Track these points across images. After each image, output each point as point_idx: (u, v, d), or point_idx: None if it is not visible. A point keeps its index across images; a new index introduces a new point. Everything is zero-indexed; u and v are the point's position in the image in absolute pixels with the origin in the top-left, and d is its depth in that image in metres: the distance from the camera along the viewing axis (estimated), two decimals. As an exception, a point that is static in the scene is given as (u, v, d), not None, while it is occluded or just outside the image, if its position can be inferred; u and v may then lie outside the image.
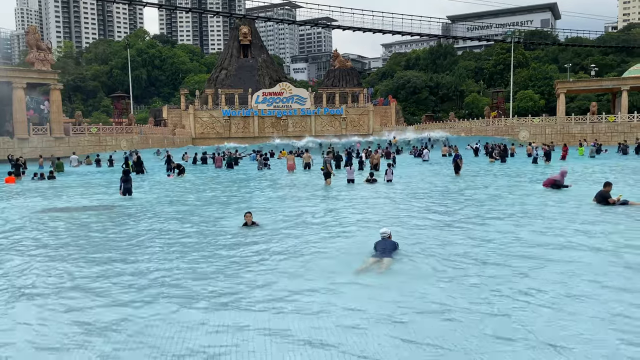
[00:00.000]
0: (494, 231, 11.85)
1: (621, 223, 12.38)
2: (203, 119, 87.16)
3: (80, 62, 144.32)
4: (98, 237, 12.26)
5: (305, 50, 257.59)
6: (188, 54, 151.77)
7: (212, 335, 5.99)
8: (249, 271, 8.84)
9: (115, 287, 8.03)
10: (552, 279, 7.91)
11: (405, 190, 20.99)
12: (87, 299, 7.46)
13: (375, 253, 9.42)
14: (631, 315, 6.28)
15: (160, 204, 18.64)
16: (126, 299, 7.45)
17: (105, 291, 7.80)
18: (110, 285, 8.10)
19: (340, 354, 5.37)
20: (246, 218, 12.89)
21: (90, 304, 7.21)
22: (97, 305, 7.18)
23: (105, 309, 7.00)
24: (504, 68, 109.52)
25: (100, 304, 7.23)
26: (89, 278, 8.57)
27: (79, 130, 57.12)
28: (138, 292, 7.74)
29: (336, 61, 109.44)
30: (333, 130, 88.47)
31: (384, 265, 8.80)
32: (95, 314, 6.79)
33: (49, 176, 31.38)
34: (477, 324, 6.16)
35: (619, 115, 59.47)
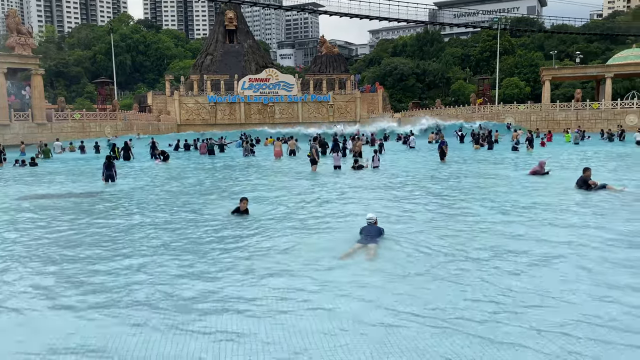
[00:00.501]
0: (479, 216, 11.93)
1: (600, 205, 12.56)
2: (188, 105, 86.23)
3: (62, 47, 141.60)
4: (77, 225, 12.09)
5: (292, 36, 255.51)
6: (173, 40, 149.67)
7: (197, 322, 5.95)
8: (233, 257, 8.79)
9: (92, 279, 7.92)
10: (535, 259, 7.99)
11: (391, 177, 21.02)
12: (62, 287, 7.35)
13: (361, 238, 9.42)
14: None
15: (144, 190, 18.46)
16: (102, 291, 7.37)
17: (81, 282, 7.69)
18: (87, 277, 8.00)
19: (323, 340, 5.37)
20: (241, 204, 12.55)
21: (64, 294, 7.11)
22: (73, 295, 7.09)
23: (82, 297, 6.92)
24: (490, 55, 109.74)
25: (75, 294, 7.14)
26: (65, 266, 8.45)
27: (61, 116, 56.16)
28: (118, 283, 7.66)
29: (323, 47, 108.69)
30: (320, 117, 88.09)
31: (372, 252, 8.80)
32: (69, 305, 6.70)
33: (31, 163, 30.89)
34: (464, 309, 6.19)
35: (602, 102, 60.00)
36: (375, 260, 8.43)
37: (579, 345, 5.09)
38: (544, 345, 5.11)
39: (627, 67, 62.35)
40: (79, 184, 21.05)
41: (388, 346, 5.14)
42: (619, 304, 6.17)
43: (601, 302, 6.26)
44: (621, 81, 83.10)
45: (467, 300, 6.41)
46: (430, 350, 5.05)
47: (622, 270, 7.48)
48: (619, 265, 7.77)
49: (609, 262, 7.93)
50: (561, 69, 71.20)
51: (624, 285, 6.83)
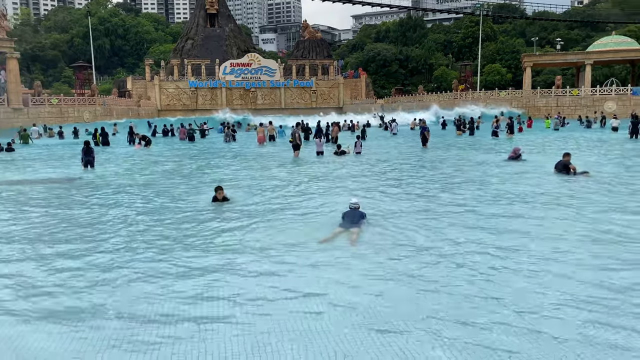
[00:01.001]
0: (461, 199, 11.98)
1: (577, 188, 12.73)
2: (169, 90, 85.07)
3: (38, 30, 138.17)
4: (52, 212, 11.85)
5: (274, 20, 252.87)
6: (153, 23, 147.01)
7: (176, 309, 5.87)
8: (212, 243, 8.70)
9: (66, 268, 7.77)
10: (515, 242, 8.05)
11: (373, 162, 21.01)
12: (35, 278, 7.19)
13: (343, 223, 9.39)
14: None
15: (123, 176, 18.17)
16: (77, 282, 7.23)
17: (55, 271, 7.54)
18: (61, 266, 7.84)
19: (304, 322, 5.33)
20: (217, 193, 12.08)
21: (37, 284, 6.96)
22: (46, 285, 6.94)
23: (56, 288, 6.78)
24: (473, 41, 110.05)
25: (48, 284, 6.99)
26: (39, 254, 8.28)
27: (38, 101, 54.96)
28: (92, 273, 7.52)
29: (306, 32, 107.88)
30: (303, 102, 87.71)
31: (354, 236, 8.77)
32: (43, 293, 6.56)
33: (7, 148, 30.20)
34: (443, 290, 6.20)
35: (582, 89, 60.71)
36: (358, 243, 8.41)
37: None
38: (517, 324, 5.14)
39: (606, 54, 63.08)
40: (58, 169, 20.64)
41: (367, 326, 5.13)
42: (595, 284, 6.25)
43: (577, 282, 6.33)
44: (600, 68, 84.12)
45: (448, 286, 6.42)
46: (412, 330, 5.05)
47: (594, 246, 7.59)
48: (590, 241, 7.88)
49: (583, 241, 8.03)
50: (542, 56, 71.73)
51: (594, 266, 6.92)
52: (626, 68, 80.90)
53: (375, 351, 4.69)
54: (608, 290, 6.13)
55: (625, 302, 5.74)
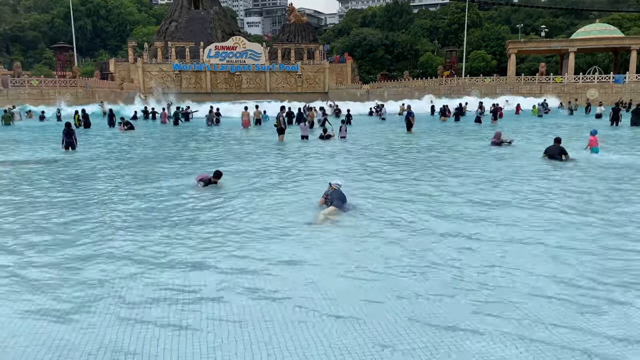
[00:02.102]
0: (443, 185, 12.10)
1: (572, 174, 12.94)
2: (152, 73, 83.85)
3: (17, 10, 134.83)
4: (30, 193, 11.73)
5: (260, 3, 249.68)
6: (136, 4, 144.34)
7: (161, 293, 5.89)
8: (201, 229, 8.70)
9: (43, 250, 7.72)
10: (501, 227, 8.18)
11: (358, 147, 21.07)
12: (18, 262, 7.14)
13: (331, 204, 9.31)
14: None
15: (104, 158, 17.99)
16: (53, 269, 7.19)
17: (29, 255, 7.49)
18: (38, 249, 7.79)
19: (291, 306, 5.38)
20: (214, 178, 11.74)
21: (21, 270, 6.92)
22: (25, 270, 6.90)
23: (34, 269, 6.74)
24: (459, 28, 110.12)
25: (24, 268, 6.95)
26: (14, 239, 8.21)
27: (18, 82, 53.90)
28: (72, 255, 7.49)
29: (291, 16, 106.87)
30: (288, 87, 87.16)
31: (327, 212, 8.88)
32: (23, 280, 6.52)
33: (-14, 130, 29.66)
34: (422, 275, 6.30)
35: (565, 76, 61.29)
36: (335, 222, 8.46)
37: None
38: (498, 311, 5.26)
39: (590, 42, 63.66)
40: (36, 152, 20.35)
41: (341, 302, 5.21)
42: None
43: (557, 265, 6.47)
44: (584, 56, 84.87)
45: (428, 267, 6.52)
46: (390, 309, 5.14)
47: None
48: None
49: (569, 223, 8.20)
50: (527, 43, 72.17)
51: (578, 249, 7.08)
52: (609, 56, 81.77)
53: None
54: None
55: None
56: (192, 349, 4.38)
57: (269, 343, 4.45)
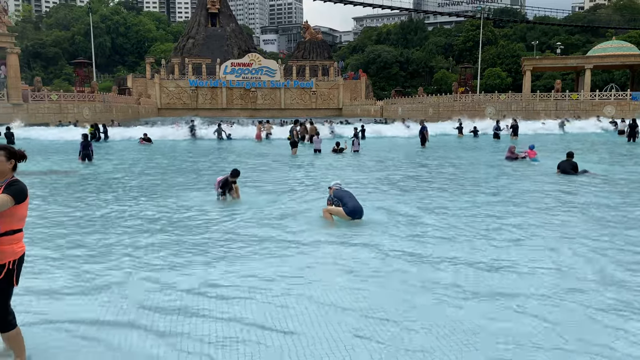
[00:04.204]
0: (460, 199, 12.01)
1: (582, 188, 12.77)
2: (169, 89, 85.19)
3: (40, 27, 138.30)
4: (43, 204, 11.88)
5: (276, 21, 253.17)
6: (154, 22, 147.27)
7: (186, 301, 5.90)
8: (215, 238, 8.72)
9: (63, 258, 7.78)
10: (512, 236, 8.09)
11: (370, 160, 21.04)
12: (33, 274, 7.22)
13: (346, 205, 9.04)
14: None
15: (121, 171, 18.20)
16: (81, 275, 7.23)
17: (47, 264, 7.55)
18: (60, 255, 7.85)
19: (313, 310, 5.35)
20: (232, 178, 11.20)
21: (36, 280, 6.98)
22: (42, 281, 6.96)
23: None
24: (473, 45, 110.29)
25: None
26: (37, 243, 8.30)
27: (38, 96, 54.93)
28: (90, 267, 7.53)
29: (307, 33, 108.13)
30: (303, 103, 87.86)
31: (334, 211, 8.89)
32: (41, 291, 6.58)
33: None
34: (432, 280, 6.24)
35: (581, 93, 60.78)
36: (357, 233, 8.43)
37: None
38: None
39: (606, 59, 63.18)
40: (55, 162, 20.64)
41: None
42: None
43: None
44: (600, 73, 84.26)
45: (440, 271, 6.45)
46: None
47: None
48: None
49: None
50: (542, 59, 71.90)
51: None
52: (626, 73, 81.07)
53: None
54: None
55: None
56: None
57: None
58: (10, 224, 3.88)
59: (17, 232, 3.94)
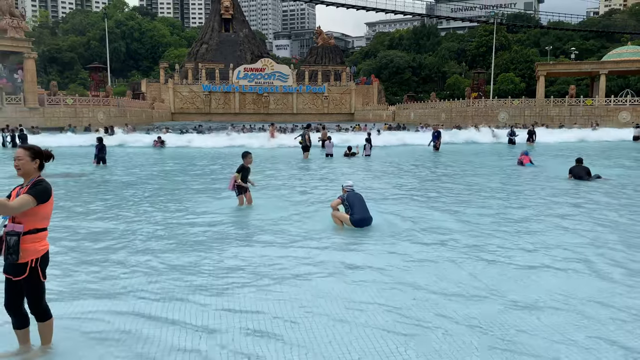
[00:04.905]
0: (473, 203, 11.95)
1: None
2: (183, 94, 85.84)
3: (56, 32, 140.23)
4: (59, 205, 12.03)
5: (289, 26, 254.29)
6: (168, 27, 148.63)
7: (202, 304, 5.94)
8: (226, 242, 8.78)
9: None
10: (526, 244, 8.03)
11: (383, 164, 21.02)
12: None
13: (353, 214, 8.96)
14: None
15: (135, 175, 18.37)
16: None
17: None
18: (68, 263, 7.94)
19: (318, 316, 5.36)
20: (247, 159, 11.17)
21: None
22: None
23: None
24: (486, 50, 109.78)
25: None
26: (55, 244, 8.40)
27: (54, 101, 55.69)
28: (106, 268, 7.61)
29: (319, 38, 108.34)
30: (315, 108, 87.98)
31: (341, 217, 8.95)
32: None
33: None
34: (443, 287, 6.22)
35: (596, 98, 60.18)
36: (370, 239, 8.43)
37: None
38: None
39: (622, 64, 62.56)
40: (68, 165, 20.89)
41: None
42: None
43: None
44: (615, 79, 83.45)
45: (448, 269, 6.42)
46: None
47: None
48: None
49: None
50: (556, 65, 71.32)
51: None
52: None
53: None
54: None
55: None
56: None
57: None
58: (34, 222, 3.97)
59: (40, 231, 4.03)
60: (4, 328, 4.50)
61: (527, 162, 19.73)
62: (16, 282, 4.00)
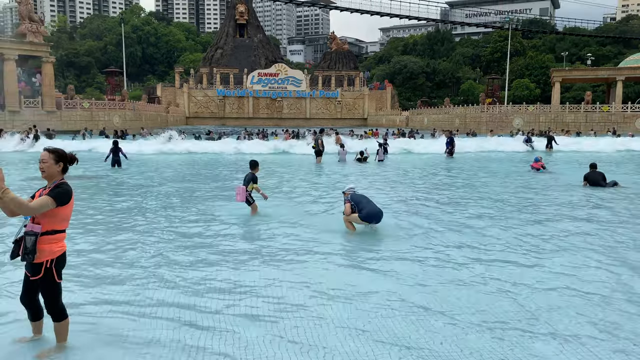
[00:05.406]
0: (486, 208, 11.91)
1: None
2: (197, 98, 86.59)
3: (74, 37, 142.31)
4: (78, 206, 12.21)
5: (303, 32, 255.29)
6: (184, 32, 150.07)
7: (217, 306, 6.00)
8: (242, 245, 8.85)
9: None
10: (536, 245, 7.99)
11: (395, 170, 21.00)
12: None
13: (361, 210, 8.92)
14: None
15: (148, 178, 18.56)
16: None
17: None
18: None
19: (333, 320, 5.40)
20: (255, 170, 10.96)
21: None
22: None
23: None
24: (501, 56, 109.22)
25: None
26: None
27: (71, 104, 56.50)
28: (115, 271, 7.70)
29: (333, 44, 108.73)
30: (328, 113, 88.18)
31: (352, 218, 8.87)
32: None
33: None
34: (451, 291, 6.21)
35: (613, 105, 59.57)
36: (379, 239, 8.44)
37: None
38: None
39: (639, 70, 61.86)
40: (84, 167, 21.17)
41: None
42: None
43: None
44: (632, 85, 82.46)
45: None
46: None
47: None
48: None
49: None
50: (572, 70, 70.75)
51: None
52: (659, 86, 79.20)
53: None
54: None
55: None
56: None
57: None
58: (52, 224, 4.07)
59: (58, 233, 4.13)
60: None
61: (538, 168, 19.48)
62: (33, 280, 4.12)
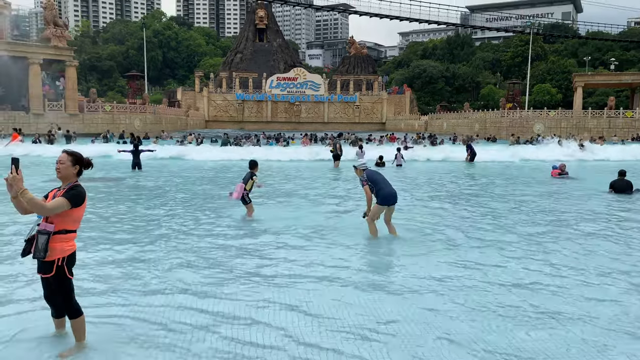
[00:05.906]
0: (506, 212, 11.76)
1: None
2: (217, 102, 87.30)
3: (97, 41, 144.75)
4: (95, 210, 12.36)
5: (322, 36, 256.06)
6: (204, 37, 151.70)
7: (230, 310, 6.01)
8: (258, 246, 8.86)
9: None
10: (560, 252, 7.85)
11: (414, 175, 20.87)
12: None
13: (381, 189, 8.59)
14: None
15: (168, 180, 18.73)
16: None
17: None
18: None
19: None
20: (254, 169, 10.97)
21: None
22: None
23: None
24: (522, 61, 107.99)
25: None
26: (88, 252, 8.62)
27: (93, 107, 57.41)
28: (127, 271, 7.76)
29: (352, 48, 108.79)
30: (346, 117, 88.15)
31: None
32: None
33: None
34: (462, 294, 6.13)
35: (637, 110, 58.42)
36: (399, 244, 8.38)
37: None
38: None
39: (665, 75, 60.64)
40: (104, 170, 21.46)
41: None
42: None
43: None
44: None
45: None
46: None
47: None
48: None
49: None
50: (594, 75, 69.68)
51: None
52: (685, 91, 77.37)
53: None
54: None
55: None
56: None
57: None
58: (65, 224, 4.24)
59: (69, 233, 4.30)
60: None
61: (556, 175, 19.43)
62: (48, 279, 4.28)
